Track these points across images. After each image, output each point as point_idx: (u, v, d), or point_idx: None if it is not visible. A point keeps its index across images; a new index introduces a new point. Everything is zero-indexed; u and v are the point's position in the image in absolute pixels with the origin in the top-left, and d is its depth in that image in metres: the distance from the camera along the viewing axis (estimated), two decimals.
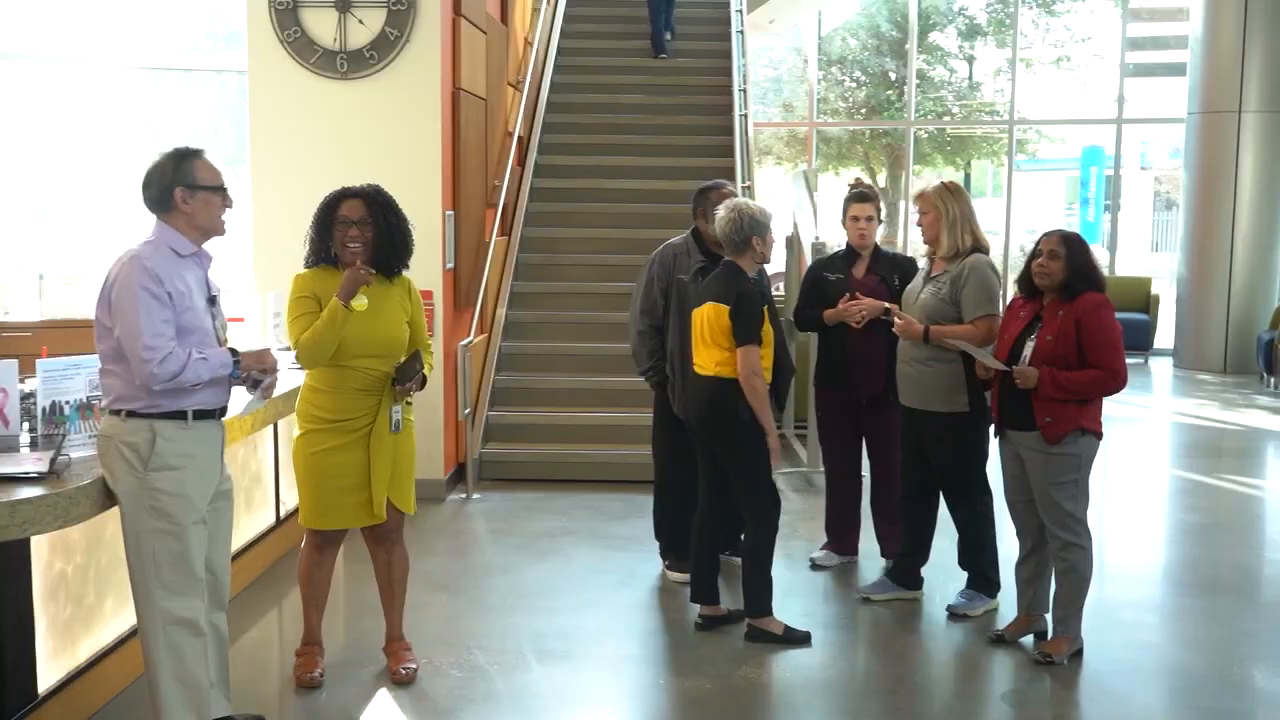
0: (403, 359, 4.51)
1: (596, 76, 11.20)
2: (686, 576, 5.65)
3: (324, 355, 4.35)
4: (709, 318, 5.03)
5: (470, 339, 7.84)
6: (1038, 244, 4.85)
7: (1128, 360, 4.83)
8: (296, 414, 4.59)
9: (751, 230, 5.04)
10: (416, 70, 7.28)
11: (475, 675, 4.75)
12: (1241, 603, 5.84)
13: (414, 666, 4.70)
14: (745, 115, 10.62)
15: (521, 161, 9.93)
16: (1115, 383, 4.73)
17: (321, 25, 7.25)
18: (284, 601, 5.65)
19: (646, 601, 5.73)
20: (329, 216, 4.46)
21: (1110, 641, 5.15)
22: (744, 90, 10.91)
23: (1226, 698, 4.65)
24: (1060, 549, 4.84)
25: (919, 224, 5.46)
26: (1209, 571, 6.33)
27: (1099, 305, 4.77)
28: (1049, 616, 5.02)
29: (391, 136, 7.27)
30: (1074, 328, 4.71)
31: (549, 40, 11.09)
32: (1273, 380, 11.85)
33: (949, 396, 5.23)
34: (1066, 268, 4.76)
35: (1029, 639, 5.07)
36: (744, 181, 9.69)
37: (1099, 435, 4.82)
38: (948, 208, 5.32)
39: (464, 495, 7.57)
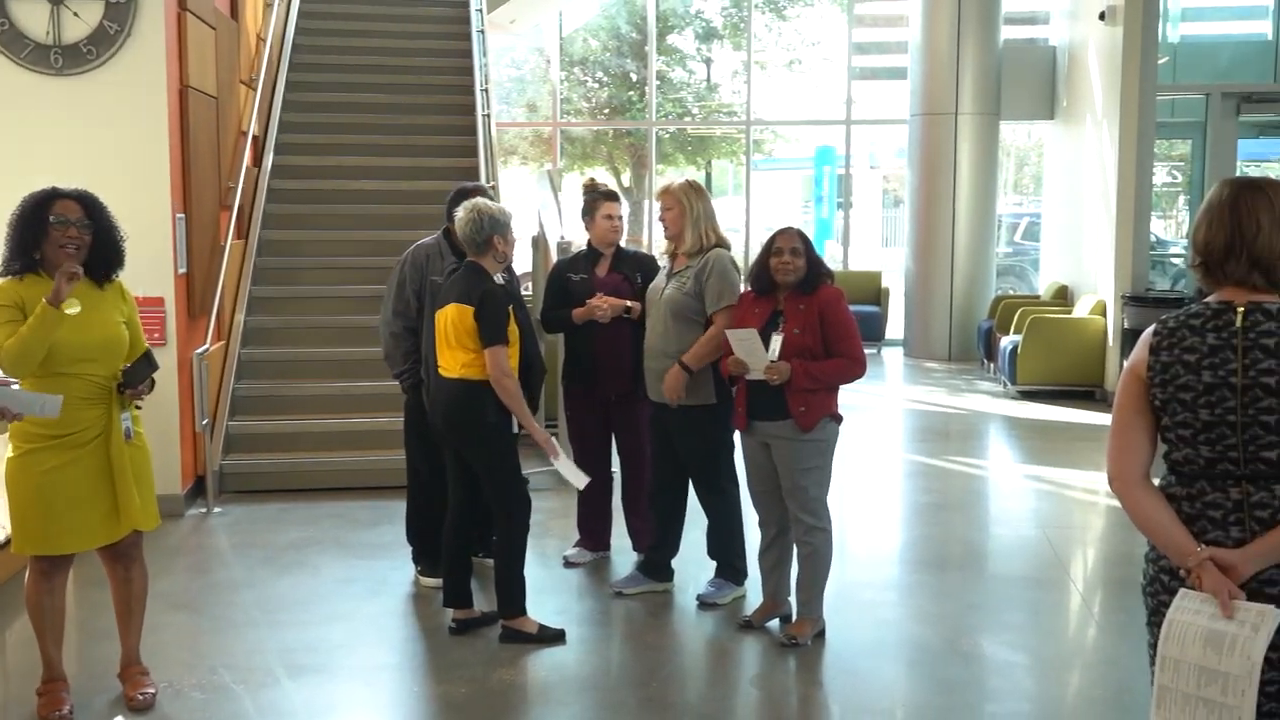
0: (128, 363, 4.28)
1: (334, 75, 10.93)
2: (440, 582, 5.59)
3: (32, 362, 4.07)
4: (453, 319, 4.98)
5: (206, 346, 7.52)
6: (774, 242, 4.98)
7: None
8: (9, 433, 4.28)
9: (493, 230, 5.03)
10: (140, 67, 6.94)
11: (220, 695, 4.56)
12: (969, 577, 6.19)
13: (152, 691, 4.47)
14: (488, 115, 10.58)
15: (257, 162, 9.60)
16: (858, 369, 4.96)
17: (33, 18, 6.81)
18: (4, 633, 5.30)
19: (399, 609, 5.63)
20: (39, 216, 4.17)
21: (851, 621, 5.37)
22: (486, 90, 10.86)
23: (958, 667, 4.91)
24: (805, 533, 5.01)
25: (662, 220, 5.55)
26: (940, 549, 6.68)
27: (839, 297, 4.98)
28: (793, 600, 5.20)
29: (115, 137, 6.91)
30: (818, 320, 4.89)
31: (283, 37, 10.76)
32: (992, 366, 12.61)
33: (696, 390, 5.34)
34: (807, 263, 4.95)
35: (775, 623, 5.24)
36: (489, 181, 9.65)
37: (840, 420, 5.03)
38: (691, 204, 5.44)
39: (204, 509, 7.26)
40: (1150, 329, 2.80)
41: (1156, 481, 2.84)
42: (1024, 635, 5.35)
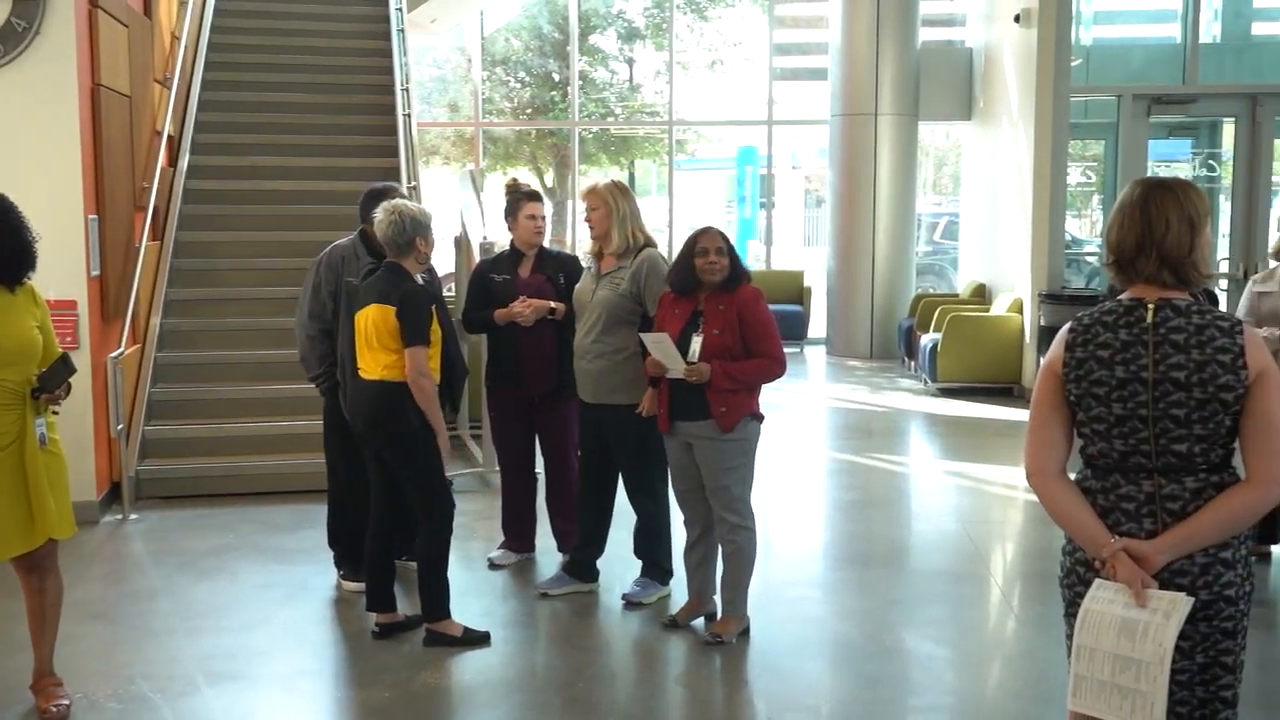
0: (43, 367, 4.19)
1: (252, 74, 10.77)
2: (363, 586, 5.53)
3: None
4: (374, 320, 4.93)
5: (121, 350, 7.37)
6: (698, 242, 4.99)
7: (785, 350, 5.08)
8: None
9: (414, 231, 4.99)
10: (49, 65, 6.78)
11: (138, 705, 4.48)
12: (891, 573, 6.26)
13: (66, 703, 4.37)
14: (409, 115, 10.50)
15: (173, 162, 9.43)
16: (778, 369, 4.98)
17: None
18: None
19: (320, 614, 5.57)
20: None
21: (776, 618, 5.40)
22: (406, 90, 10.78)
23: (881, 662, 4.96)
24: (728, 532, 5.03)
25: (587, 220, 5.53)
26: (862, 545, 6.75)
27: (757, 297, 5.00)
28: (718, 599, 5.22)
29: (23, 136, 6.75)
30: (737, 320, 4.91)
31: (199, 35, 10.58)
32: (913, 364, 12.76)
33: (629, 389, 5.33)
34: (729, 263, 4.97)
35: (700, 621, 5.26)
36: (409, 182, 9.58)
37: (762, 419, 5.06)
38: (617, 204, 5.44)
39: (120, 516, 7.12)
40: (1066, 326, 2.86)
41: (1073, 476, 2.89)
42: (945, 629, 5.42)
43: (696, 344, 4.92)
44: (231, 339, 8.54)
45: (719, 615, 5.19)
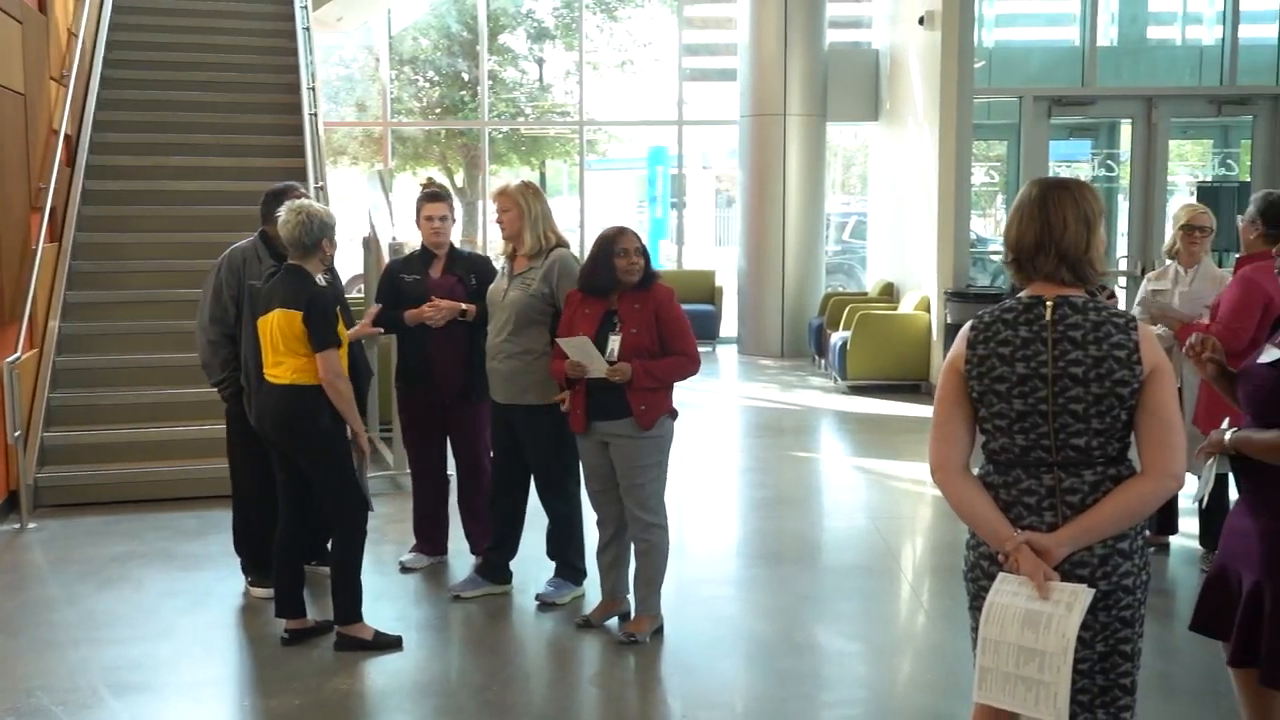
0: None
1: (153, 72, 10.56)
2: (271, 592, 5.46)
3: None
4: (279, 324, 4.86)
5: (18, 355, 7.17)
6: (617, 242, 4.97)
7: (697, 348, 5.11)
8: None
9: (322, 233, 4.94)
10: None
11: (39, 718, 4.36)
12: (803, 569, 6.31)
13: None
14: (315, 114, 10.37)
15: (71, 162, 9.21)
16: (694, 366, 5.04)
17: None
18: None
19: (227, 621, 5.47)
20: None
21: (689, 616, 5.43)
22: (313, 89, 10.64)
23: (794, 658, 5.01)
24: (642, 530, 5.04)
25: (499, 221, 5.51)
26: (775, 543, 6.80)
27: (671, 295, 5.04)
28: (631, 598, 5.23)
29: None
30: (653, 319, 4.93)
31: (97, 32, 10.35)
32: (823, 362, 12.89)
33: (541, 389, 5.31)
34: (645, 262, 4.99)
35: (614, 621, 5.26)
36: (316, 182, 9.46)
37: (676, 416, 5.10)
38: (529, 205, 5.42)
39: (18, 525, 6.94)
40: (967, 324, 2.91)
41: (976, 471, 2.94)
42: (857, 624, 5.48)
43: (615, 344, 4.92)
44: (133, 342, 8.37)
45: (633, 614, 5.20)
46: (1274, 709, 3.39)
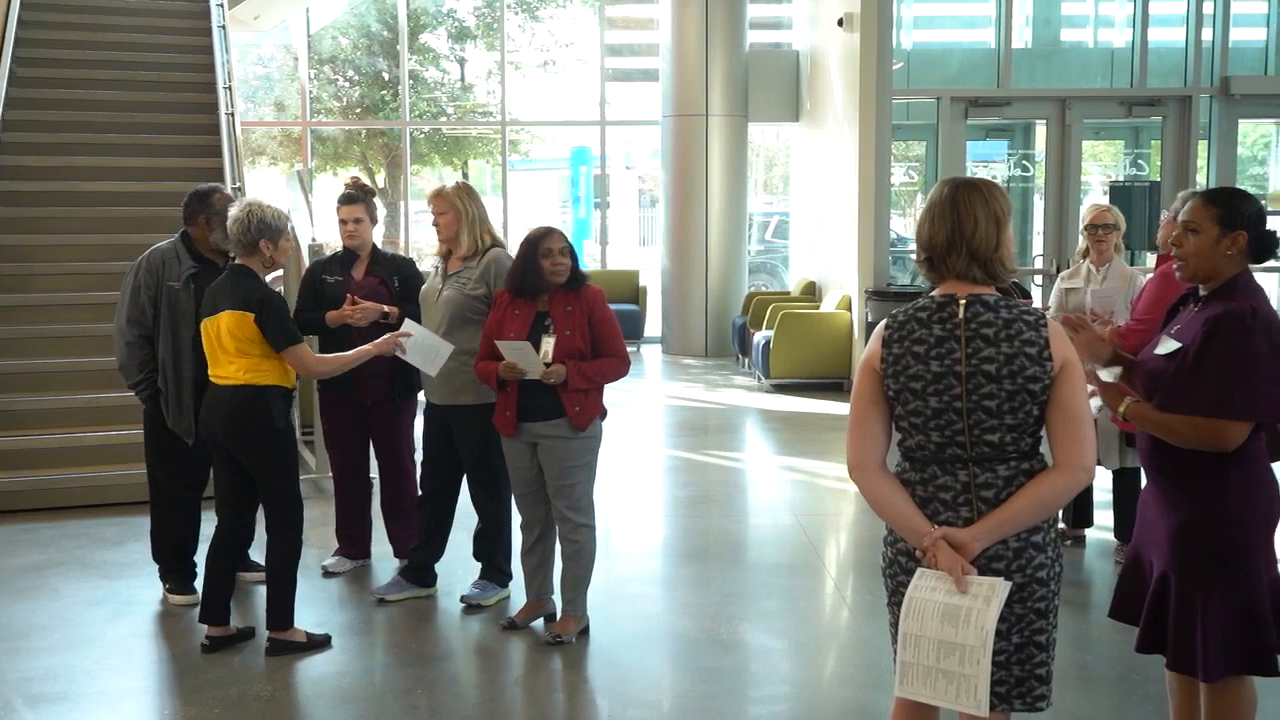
0: None
1: (64, 71, 10.36)
2: (190, 599, 5.40)
3: None
4: (228, 326, 4.80)
5: None
6: (543, 243, 4.97)
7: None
8: None
9: (260, 234, 4.88)
10: None
11: None
12: (729, 567, 6.35)
13: None
14: (232, 114, 10.23)
15: None
16: (624, 367, 5.07)
17: None
18: None
19: (147, 630, 5.38)
20: None
21: (616, 616, 5.44)
22: (229, 88, 10.50)
23: (719, 656, 5.04)
24: (570, 531, 5.04)
25: (436, 225, 5.46)
26: (700, 541, 6.83)
27: (601, 296, 5.06)
28: (557, 599, 5.23)
29: None
30: (586, 320, 4.94)
31: (4, 30, 10.12)
32: (747, 361, 12.97)
33: (476, 389, 5.29)
34: (572, 263, 4.99)
35: (540, 622, 5.26)
36: (234, 183, 9.34)
37: (606, 415, 5.14)
38: (466, 208, 5.40)
39: None
40: (882, 323, 2.96)
41: (892, 468, 2.99)
42: (781, 621, 5.53)
43: (549, 346, 4.92)
44: (48, 346, 8.20)
45: (559, 615, 5.20)
46: (1196, 695, 3.50)
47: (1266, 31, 11.98)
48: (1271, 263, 4.06)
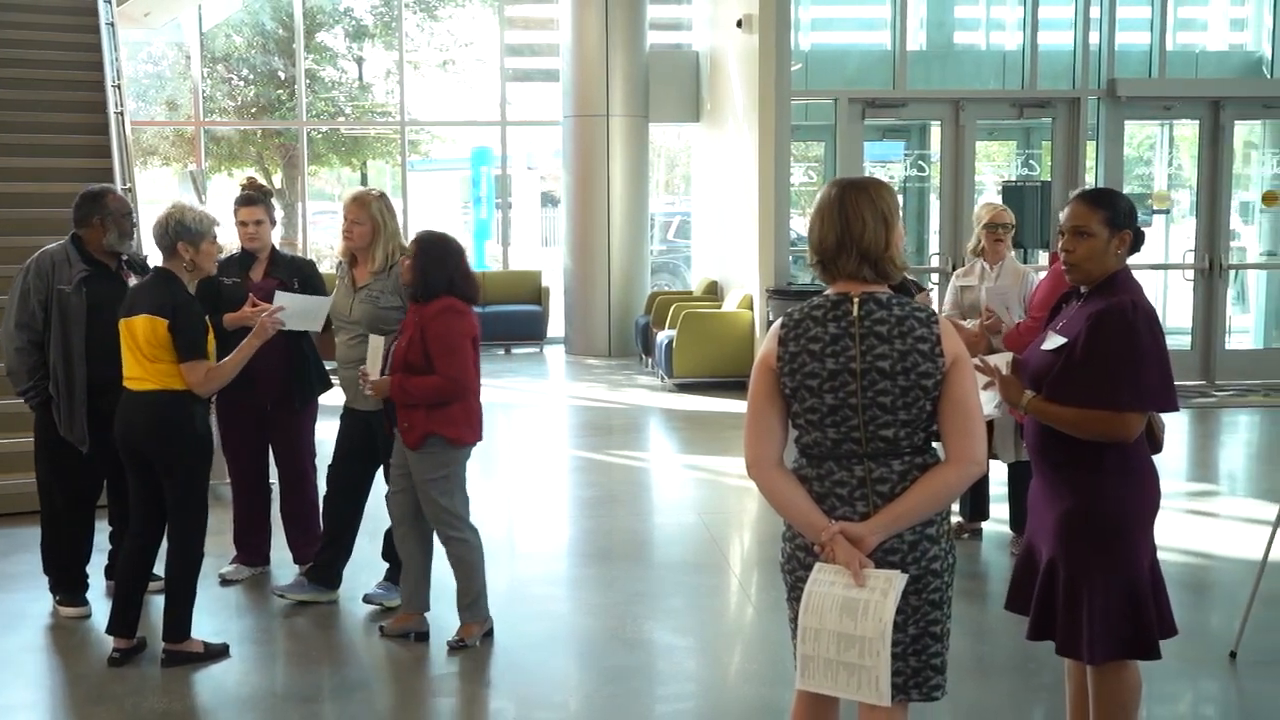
0: None
1: None
2: (82, 611, 5.26)
3: None
4: (143, 331, 4.68)
5: None
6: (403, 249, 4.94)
7: (524, 350, 5.09)
8: None
9: (178, 236, 4.76)
10: None
11: None
12: (633, 567, 6.37)
13: None
14: (121, 113, 9.99)
15: None
16: (456, 390, 4.80)
17: None
18: None
19: (39, 643, 5.24)
20: None
21: (521, 616, 5.43)
22: (118, 86, 10.26)
23: (624, 655, 5.05)
24: (444, 541, 5.00)
25: (349, 233, 5.36)
26: (605, 541, 6.84)
27: (442, 311, 4.82)
28: (455, 615, 5.15)
29: None
30: (420, 334, 4.83)
31: None
32: (650, 361, 13.01)
33: None
34: (414, 271, 4.86)
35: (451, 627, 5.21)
36: (125, 184, 9.13)
37: (459, 443, 4.90)
38: (385, 221, 5.34)
39: None
40: (778, 322, 2.99)
41: (790, 464, 3.02)
42: (686, 619, 5.56)
43: (377, 343, 4.90)
44: None
45: (460, 623, 5.13)
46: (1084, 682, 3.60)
47: (1151, 35, 12.31)
48: (1148, 260, 4.19)
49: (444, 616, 5.20)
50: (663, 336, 12.10)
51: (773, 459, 2.97)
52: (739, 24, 11.76)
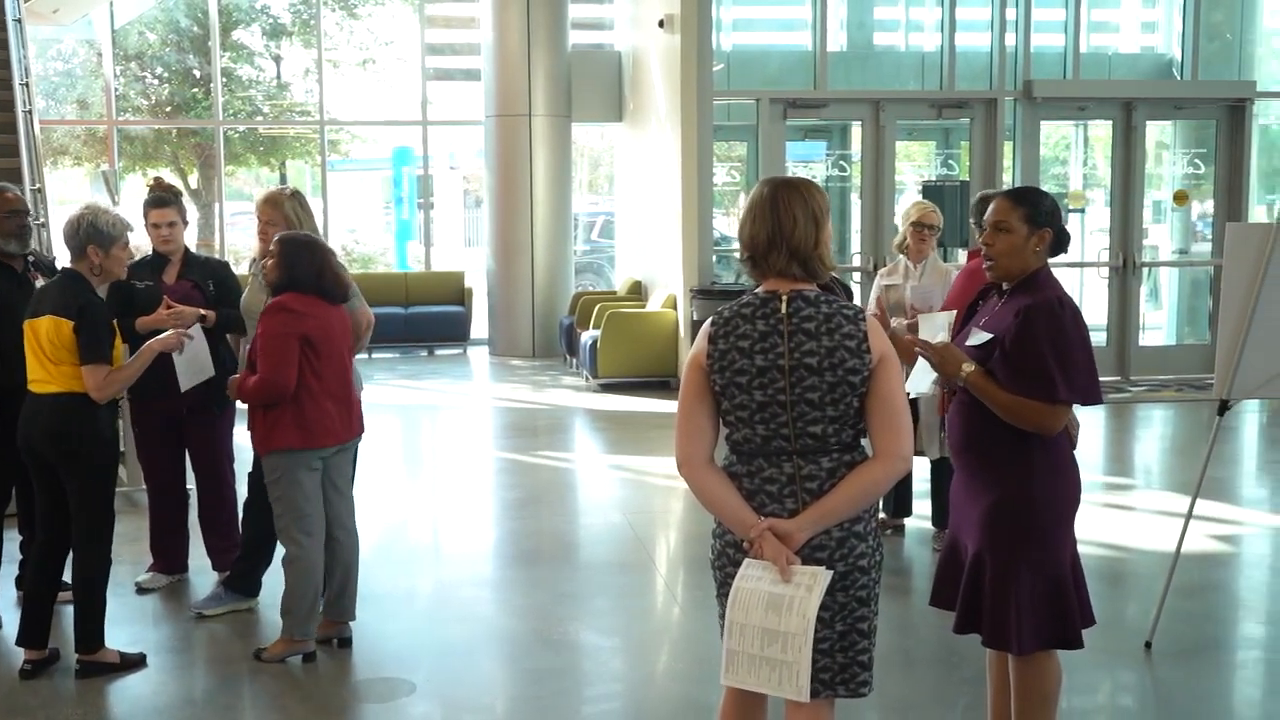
0: None
1: None
2: None
3: None
4: (47, 332, 4.55)
5: None
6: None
7: (448, 351, 5.04)
8: None
9: (88, 238, 4.64)
10: None
11: None
12: (559, 567, 6.34)
13: None
14: (30, 112, 9.76)
15: None
16: (271, 390, 4.64)
17: None
18: None
19: None
20: None
21: (447, 618, 5.41)
22: (26, 84, 10.01)
23: (551, 656, 5.02)
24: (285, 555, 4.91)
25: (263, 234, 5.25)
26: (530, 543, 6.80)
27: (270, 309, 4.72)
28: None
29: None
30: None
31: None
32: (574, 361, 12.98)
33: None
34: (277, 269, 4.76)
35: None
36: (33, 184, 8.91)
37: (287, 448, 4.72)
38: (301, 221, 5.24)
39: None
40: (708, 320, 2.99)
41: (720, 462, 3.02)
42: (612, 619, 5.55)
43: (243, 351, 4.83)
44: None
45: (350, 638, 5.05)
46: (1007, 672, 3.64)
47: (1065, 38, 12.53)
48: (1065, 258, 4.25)
49: (368, 624, 5.13)
50: (587, 337, 12.08)
51: (703, 457, 2.97)
52: (661, 24, 11.77)
